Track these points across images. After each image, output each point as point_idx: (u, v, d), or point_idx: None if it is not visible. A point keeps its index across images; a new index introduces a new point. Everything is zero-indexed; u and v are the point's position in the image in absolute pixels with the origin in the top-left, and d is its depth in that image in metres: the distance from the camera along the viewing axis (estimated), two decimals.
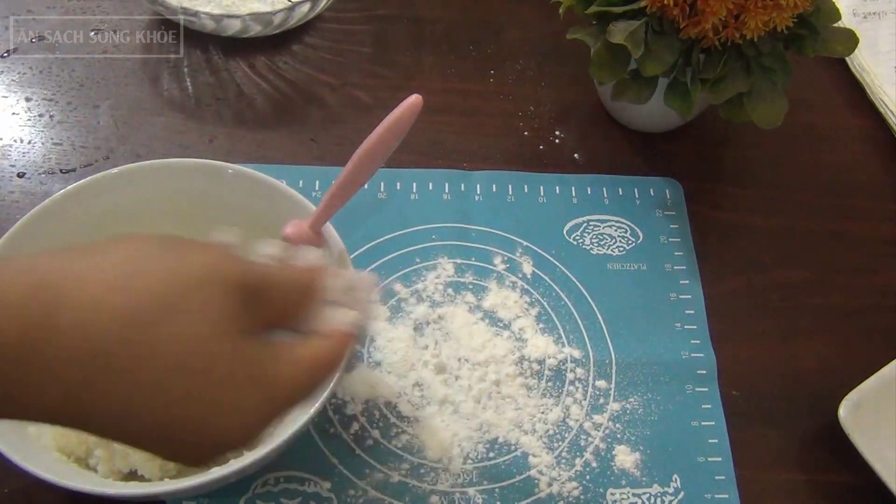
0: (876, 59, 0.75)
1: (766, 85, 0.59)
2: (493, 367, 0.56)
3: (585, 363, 0.57)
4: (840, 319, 0.62)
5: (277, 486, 0.50)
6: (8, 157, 0.63)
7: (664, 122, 0.68)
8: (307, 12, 0.69)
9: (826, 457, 0.55)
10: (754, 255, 0.64)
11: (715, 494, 0.52)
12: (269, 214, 0.52)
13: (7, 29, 0.70)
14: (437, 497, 0.51)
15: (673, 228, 0.64)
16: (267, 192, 0.51)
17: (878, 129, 0.73)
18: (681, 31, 0.57)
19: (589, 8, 0.59)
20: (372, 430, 0.53)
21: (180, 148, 0.65)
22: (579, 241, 0.63)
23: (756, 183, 0.69)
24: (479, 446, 0.53)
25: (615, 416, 0.55)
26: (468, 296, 0.59)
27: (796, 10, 0.56)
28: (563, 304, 0.59)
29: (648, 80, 0.59)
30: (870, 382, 0.54)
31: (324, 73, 0.71)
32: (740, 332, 0.60)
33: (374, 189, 0.63)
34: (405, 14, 0.76)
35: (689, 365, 0.57)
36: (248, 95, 0.69)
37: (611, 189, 0.66)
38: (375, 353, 0.56)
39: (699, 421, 0.55)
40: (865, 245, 0.66)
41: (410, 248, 0.61)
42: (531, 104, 0.71)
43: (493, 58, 0.74)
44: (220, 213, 0.53)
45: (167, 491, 0.42)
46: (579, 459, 0.53)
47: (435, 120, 0.68)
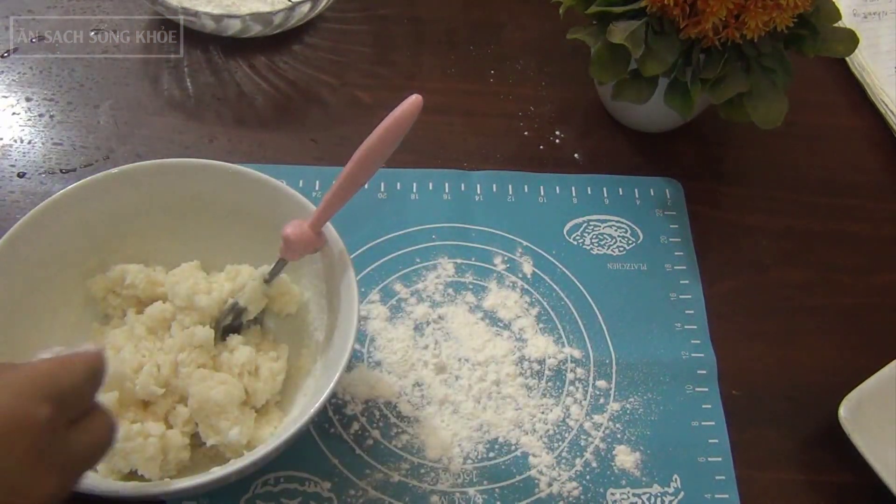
0: (876, 59, 0.75)
1: (766, 85, 0.59)
2: (493, 367, 0.56)
3: (585, 363, 0.57)
4: (840, 319, 0.62)
5: (277, 486, 0.50)
6: (8, 156, 0.63)
7: (664, 122, 0.68)
8: (307, 12, 0.69)
9: (826, 457, 0.55)
10: (754, 255, 0.64)
11: (715, 494, 0.52)
12: (269, 214, 0.52)
13: (7, 29, 0.70)
14: (437, 497, 0.51)
15: (673, 228, 0.64)
16: (267, 192, 0.51)
17: (878, 129, 0.73)
18: (681, 31, 0.57)
19: (589, 8, 0.59)
20: (372, 430, 0.53)
21: (180, 148, 0.65)
22: (579, 241, 0.63)
23: (756, 183, 0.69)
24: (479, 446, 0.53)
25: (615, 416, 0.55)
26: (468, 296, 0.59)
27: (796, 10, 0.56)
28: (563, 304, 0.59)
29: (648, 80, 0.59)
30: (870, 382, 0.54)
31: (324, 73, 0.71)
32: (740, 332, 0.60)
33: (374, 189, 0.63)
34: (405, 14, 0.76)
35: (689, 365, 0.57)
36: (249, 95, 0.69)
37: (611, 189, 0.66)
38: (375, 353, 0.56)
39: (699, 421, 0.55)
40: (865, 245, 0.66)
41: (410, 248, 0.61)
42: (531, 104, 0.71)
43: (493, 58, 0.74)
44: (221, 214, 0.53)
45: (167, 491, 0.42)
46: (579, 459, 0.53)
47: (435, 120, 0.68)
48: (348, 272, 0.48)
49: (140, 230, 0.53)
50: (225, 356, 0.50)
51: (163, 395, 0.48)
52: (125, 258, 0.53)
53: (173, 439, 0.47)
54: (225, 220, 0.54)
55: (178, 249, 0.53)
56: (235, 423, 0.47)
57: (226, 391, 0.47)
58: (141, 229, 0.53)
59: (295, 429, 0.43)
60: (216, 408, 0.47)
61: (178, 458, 0.47)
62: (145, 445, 0.46)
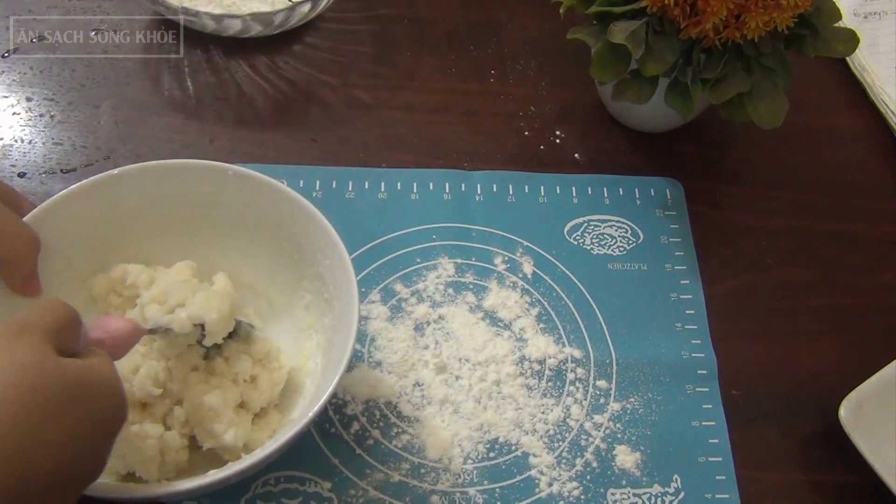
0: (876, 59, 0.75)
1: (766, 85, 0.59)
2: (494, 367, 0.56)
3: (586, 363, 0.57)
4: (840, 319, 0.62)
5: (278, 486, 0.50)
6: (9, 156, 0.63)
7: (665, 122, 0.68)
8: (308, 12, 0.69)
9: (826, 457, 0.55)
10: (754, 255, 0.64)
11: (715, 494, 0.52)
12: (270, 215, 0.52)
13: (7, 29, 0.70)
14: (438, 497, 0.51)
15: (673, 228, 0.64)
16: (268, 193, 0.51)
17: (878, 129, 0.73)
18: (681, 31, 0.57)
19: (590, 8, 0.59)
20: (372, 430, 0.53)
21: (181, 148, 0.65)
22: (580, 241, 0.63)
23: (756, 183, 0.69)
24: (479, 446, 0.53)
25: (616, 416, 0.55)
26: (469, 296, 0.59)
27: (797, 9, 0.56)
28: (563, 304, 0.59)
29: (649, 79, 0.59)
30: (870, 382, 0.54)
31: (324, 73, 0.71)
32: (740, 332, 0.60)
33: (374, 189, 0.63)
34: (405, 14, 0.76)
35: (689, 365, 0.57)
36: (249, 95, 0.69)
37: (611, 189, 0.66)
38: (376, 353, 0.56)
39: (699, 421, 0.55)
40: (866, 245, 0.66)
41: (411, 248, 0.61)
42: (531, 104, 0.71)
43: (493, 58, 0.74)
44: (222, 214, 0.53)
45: (166, 493, 0.42)
46: (580, 459, 0.53)
47: (435, 120, 0.68)
48: (348, 273, 0.48)
49: (141, 230, 0.53)
50: (219, 362, 0.49)
51: (160, 396, 0.47)
52: (126, 258, 0.53)
53: (171, 441, 0.47)
54: (227, 221, 0.54)
55: (180, 250, 0.53)
56: (231, 425, 0.47)
57: (220, 395, 0.47)
58: (142, 229, 0.53)
59: (295, 431, 0.43)
60: (210, 412, 0.47)
61: (177, 460, 0.47)
62: (143, 447, 0.46)
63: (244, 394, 0.49)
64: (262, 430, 0.49)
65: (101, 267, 0.52)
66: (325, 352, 0.51)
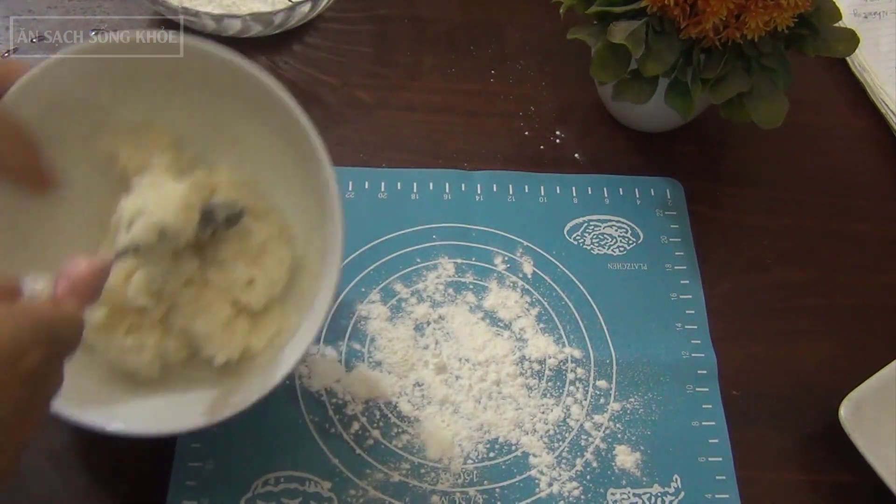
0: (877, 59, 0.75)
1: (766, 85, 0.59)
2: (494, 367, 0.56)
3: (586, 363, 0.57)
4: (840, 319, 0.62)
5: (278, 486, 0.50)
6: None
7: (665, 122, 0.68)
8: (308, 12, 0.69)
9: (826, 457, 0.55)
10: (754, 255, 0.64)
11: (715, 494, 0.53)
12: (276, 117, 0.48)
13: (7, 29, 0.70)
14: (438, 497, 0.51)
15: (673, 228, 0.64)
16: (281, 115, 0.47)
17: (879, 129, 0.73)
18: (681, 31, 0.57)
19: (590, 8, 0.59)
20: (372, 429, 0.53)
21: None
22: (580, 240, 0.63)
23: (756, 183, 0.69)
24: (479, 446, 0.53)
25: (616, 416, 0.55)
26: (469, 296, 0.59)
27: (797, 9, 0.56)
28: (563, 304, 0.59)
29: (649, 79, 0.59)
30: (870, 382, 0.54)
31: (324, 73, 0.71)
32: (740, 332, 0.60)
33: (374, 189, 0.63)
34: (405, 14, 0.76)
35: (689, 365, 0.57)
36: None
37: (611, 189, 0.66)
38: (376, 353, 0.56)
39: (700, 421, 0.55)
40: (866, 245, 0.66)
41: (411, 248, 0.61)
42: (531, 104, 0.71)
43: (493, 58, 0.74)
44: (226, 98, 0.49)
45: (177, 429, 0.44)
46: (580, 459, 0.53)
47: (435, 120, 0.68)
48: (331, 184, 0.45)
49: (143, 95, 0.49)
50: (213, 271, 0.47)
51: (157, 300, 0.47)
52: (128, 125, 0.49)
53: (170, 350, 0.47)
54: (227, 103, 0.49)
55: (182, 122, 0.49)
56: (221, 347, 0.47)
57: (209, 319, 0.47)
58: (144, 94, 0.49)
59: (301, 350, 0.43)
60: (200, 337, 0.47)
61: (178, 361, 0.48)
62: (141, 356, 0.46)
63: (242, 298, 0.48)
64: (263, 331, 0.49)
65: (105, 127, 0.49)
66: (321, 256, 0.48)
